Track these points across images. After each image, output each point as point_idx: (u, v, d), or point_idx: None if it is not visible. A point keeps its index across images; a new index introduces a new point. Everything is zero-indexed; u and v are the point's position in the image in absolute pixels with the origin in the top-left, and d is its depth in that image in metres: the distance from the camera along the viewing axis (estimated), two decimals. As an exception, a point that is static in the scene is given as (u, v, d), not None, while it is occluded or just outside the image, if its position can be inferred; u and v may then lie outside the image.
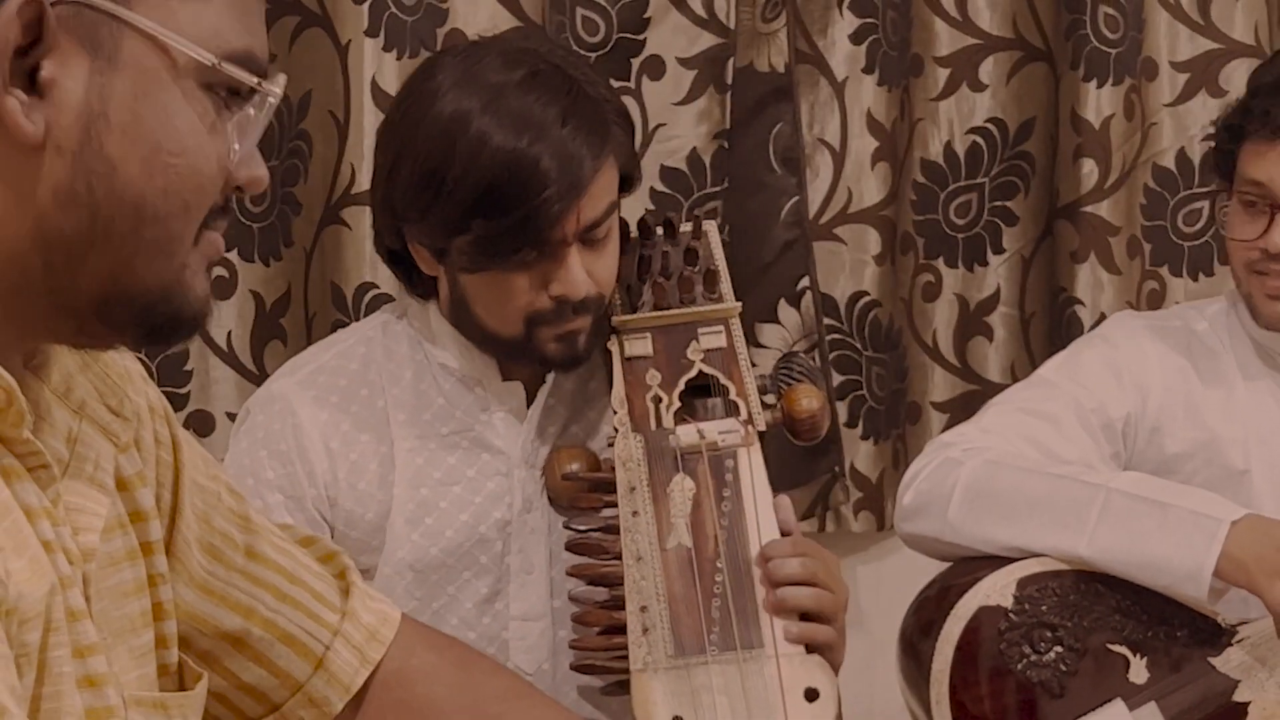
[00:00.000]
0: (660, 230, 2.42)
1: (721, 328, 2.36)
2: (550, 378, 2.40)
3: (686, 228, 2.41)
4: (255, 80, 1.28)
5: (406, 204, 2.31)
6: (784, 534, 2.28)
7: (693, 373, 2.35)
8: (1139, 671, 2.57)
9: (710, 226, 2.43)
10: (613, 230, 2.33)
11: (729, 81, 3.21)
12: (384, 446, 2.38)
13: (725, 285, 2.38)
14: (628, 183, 2.37)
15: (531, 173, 2.22)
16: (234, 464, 2.39)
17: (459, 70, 2.32)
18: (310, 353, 2.50)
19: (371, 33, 3.07)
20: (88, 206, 1.24)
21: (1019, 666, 2.55)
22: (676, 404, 2.33)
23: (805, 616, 2.24)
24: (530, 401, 2.40)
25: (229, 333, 3.16)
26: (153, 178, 1.25)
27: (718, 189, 3.22)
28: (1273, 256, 2.65)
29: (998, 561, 2.61)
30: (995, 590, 2.57)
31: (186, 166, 1.26)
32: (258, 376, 3.15)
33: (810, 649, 2.24)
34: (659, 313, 2.37)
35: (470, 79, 2.30)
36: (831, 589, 2.25)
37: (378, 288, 3.10)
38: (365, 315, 3.07)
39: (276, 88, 1.30)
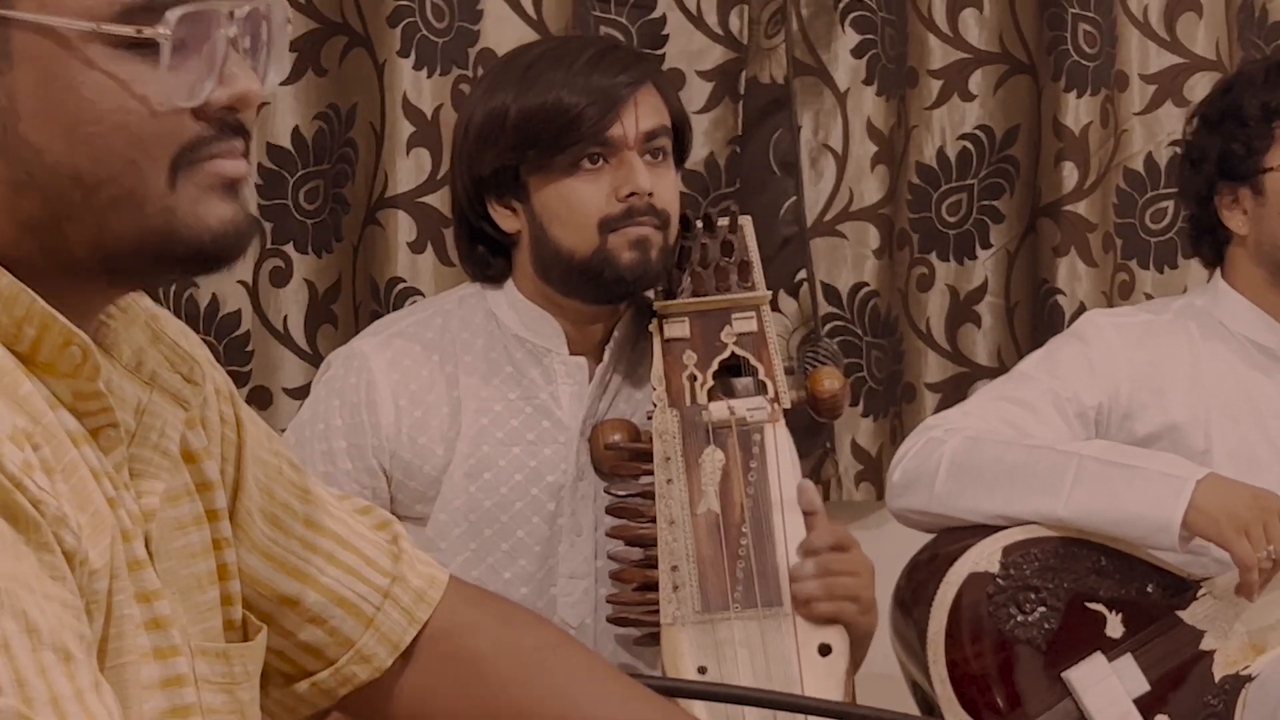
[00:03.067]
0: (700, 224, 2.47)
1: (753, 314, 2.41)
2: (608, 353, 2.46)
3: (724, 222, 2.46)
4: (136, 30, 1.23)
5: (476, 149, 2.42)
6: (807, 514, 2.35)
7: (726, 354, 2.40)
8: (1115, 626, 2.64)
9: (745, 222, 2.48)
10: (670, 157, 2.42)
11: (741, 92, 3.28)
12: (448, 407, 2.44)
13: (757, 275, 2.43)
14: (682, 136, 2.46)
15: (569, 103, 2.35)
16: (309, 409, 2.49)
17: (493, 73, 2.47)
18: (392, 318, 2.57)
19: (404, 53, 3.14)
20: (36, 189, 1.24)
21: (1007, 627, 2.62)
22: (710, 382, 2.38)
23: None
24: (591, 380, 2.46)
25: (285, 317, 3.24)
26: (78, 150, 1.24)
27: (731, 190, 3.29)
28: None
29: (984, 530, 2.67)
30: (983, 557, 2.63)
31: (110, 129, 1.24)
32: (312, 356, 3.23)
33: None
34: (696, 299, 2.42)
35: (500, 74, 2.43)
36: (853, 574, 2.32)
37: (405, 282, 3.18)
38: (394, 309, 3.14)
39: (166, 28, 1.24)
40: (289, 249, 3.23)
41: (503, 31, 3.18)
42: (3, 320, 1.24)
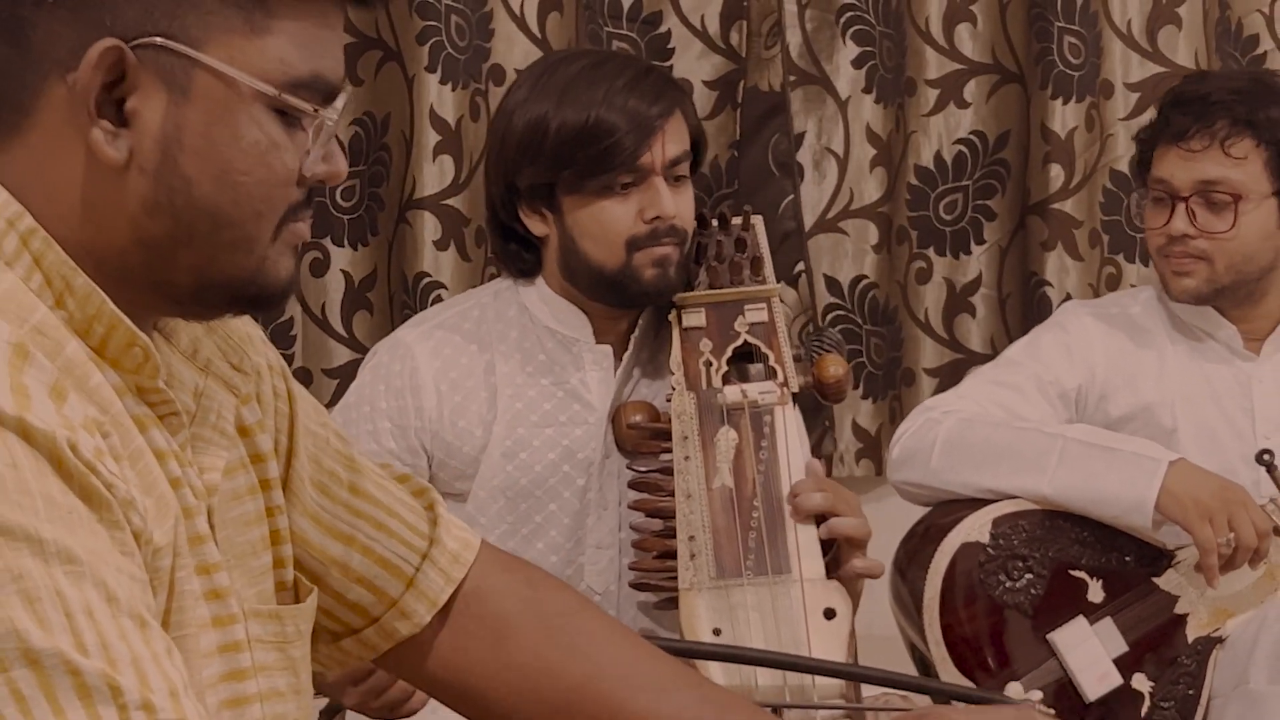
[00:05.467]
0: (715, 222, 2.49)
1: (764, 305, 2.44)
2: (632, 342, 2.49)
3: (737, 221, 2.48)
4: (312, 108, 1.31)
5: (515, 160, 2.43)
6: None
7: (739, 342, 2.42)
8: (1096, 592, 2.70)
9: (757, 220, 2.50)
10: (688, 179, 2.45)
11: (739, 100, 3.36)
12: (486, 392, 2.47)
13: (768, 270, 2.46)
14: (697, 152, 2.48)
15: (609, 124, 2.37)
16: (356, 392, 2.51)
17: (534, 77, 2.47)
18: (433, 310, 2.60)
19: (431, 69, 3.21)
20: (170, 215, 1.28)
21: (996, 592, 2.67)
22: (724, 368, 2.41)
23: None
24: (617, 366, 2.49)
25: (323, 304, 3.31)
26: (224, 191, 1.28)
27: (730, 189, 3.36)
28: (1175, 239, 2.77)
29: (975, 503, 2.72)
30: (974, 528, 2.69)
31: (255, 181, 1.29)
32: (349, 340, 3.32)
33: (830, 575, 2.34)
34: (712, 291, 2.44)
35: (543, 82, 2.44)
36: (850, 515, 2.35)
37: (430, 277, 3.25)
38: (422, 302, 3.23)
39: (333, 113, 1.32)
40: (327, 242, 3.30)
41: (511, 49, 3.25)
42: (77, 315, 1.27)
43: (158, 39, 1.26)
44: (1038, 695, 2.33)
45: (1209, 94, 2.76)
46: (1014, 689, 2.24)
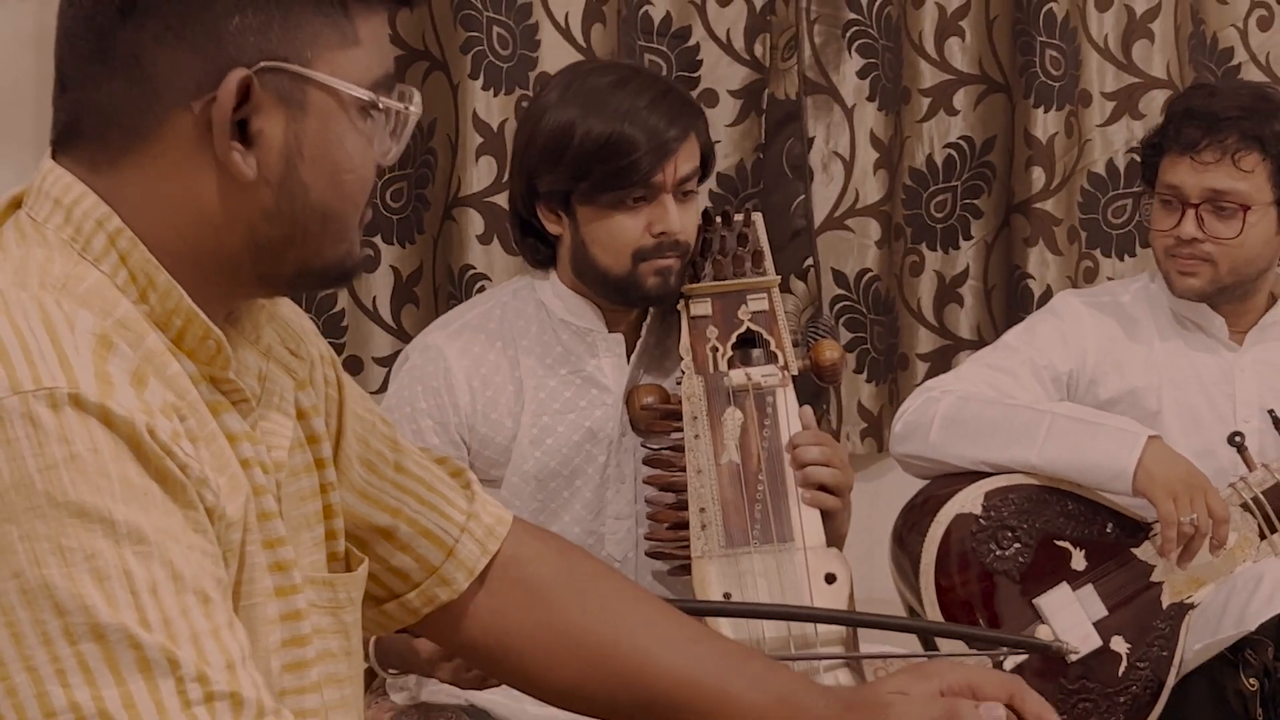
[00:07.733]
0: (719, 219, 2.47)
1: (765, 295, 2.41)
2: (644, 330, 2.45)
3: (739, 217, 2.46)
4: (404, 106, 1.32)
5: (538, 164, 2.38)
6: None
7: (742, 329, 2.39)
8: (1079, 561, 2.65)
9: (757, 217, 2.47)
10: (695, 193, 2.41)
11: (763, 106, 3.30)
12: (513, 385, 2.44)
13: (768, 262, 2.43)
14: (706, 166, 2.43)
15: (629, 141, 2.32)
16: (395, 395, 2.47)
17: (564, 83, 2.41)
18: (457, 312, 2.56)
19: (473, 76, 3.16)
20: (289, 219, 1.28)
21: (987, 560, 2.63)
22: (730, 353, 2.38)
23: (821, 489, 2.32)
24: (629, 353, 2.46)
25: (374, 298, 3.25)
26: (334, 191, 1.29)
27: (755, 190, 3.30)
28: (1184, 242, 2.71)
29: (969, 477, 2.69)
30: (968, 501, 2.66)
31: (357, 177, 1.30)
32: (397, 331, 3.25)
33: (829, 544, 2.31)
34: (717, 282, 2.41)
35: (573, 89, 2.38)
36: (841, 469, 2.33)
37: (475, 269, 3.20)
38: (467, 292, 3.17)
39: (416, 108, 1.33)
40: (377, 240, 3.24)
41: (557, 57, 3.19)
42: (157, 309, 1.26)
43: (277, 63, 1.26)
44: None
45: (1219, 110, 2.71)
46: (1044, 631, 2.19)
